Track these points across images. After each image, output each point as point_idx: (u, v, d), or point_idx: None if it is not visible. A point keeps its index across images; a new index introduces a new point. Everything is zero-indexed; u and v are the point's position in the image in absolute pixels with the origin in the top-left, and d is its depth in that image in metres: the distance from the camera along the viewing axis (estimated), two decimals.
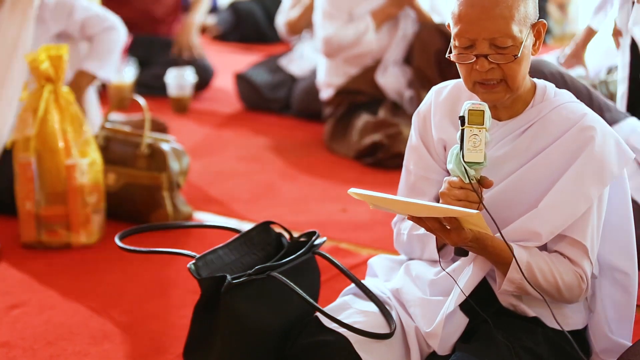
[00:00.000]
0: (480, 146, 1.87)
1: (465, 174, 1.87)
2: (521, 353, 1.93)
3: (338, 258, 2.29)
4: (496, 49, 1.89)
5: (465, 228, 1.85)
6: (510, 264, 1.91)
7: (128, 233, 2.37)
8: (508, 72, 1.90)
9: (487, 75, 1.91)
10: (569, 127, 1.96)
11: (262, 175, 3.96)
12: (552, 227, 1.93)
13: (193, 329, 2.14)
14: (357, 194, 1.86)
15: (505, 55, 1.89)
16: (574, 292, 1.96)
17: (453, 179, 1.90)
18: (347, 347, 1.96)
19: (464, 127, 1.88)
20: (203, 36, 6.96)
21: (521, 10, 1.89)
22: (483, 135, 1.87)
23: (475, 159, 1.87)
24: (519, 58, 1.89)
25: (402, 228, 2.16)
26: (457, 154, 1.89)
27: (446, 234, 1.86)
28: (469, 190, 1.87)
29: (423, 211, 1.85)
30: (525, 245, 1.94)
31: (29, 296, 2.77)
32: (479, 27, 1.88)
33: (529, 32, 1.91)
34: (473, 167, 1.88)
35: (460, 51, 1.92)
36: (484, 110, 1.88)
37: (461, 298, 1.96)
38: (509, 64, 1.89)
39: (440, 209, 1.81)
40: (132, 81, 4.86)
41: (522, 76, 1.93)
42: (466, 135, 1.88)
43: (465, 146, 1.87)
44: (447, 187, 1.90)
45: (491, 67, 1.90)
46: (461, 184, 1.88)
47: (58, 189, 3.11)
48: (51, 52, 3.07)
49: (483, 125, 1.87)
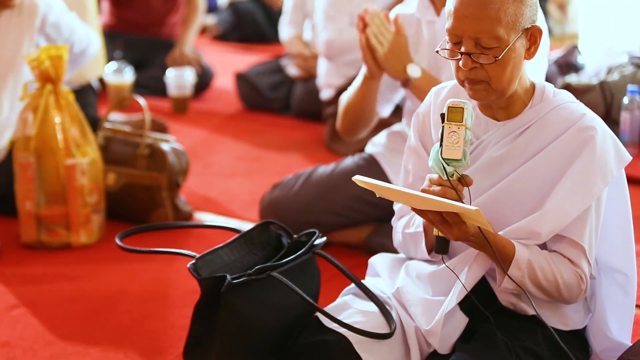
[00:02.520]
0: (458, 143, 1.88)
1: (443, 171, 1.88)
2: (521, 353, 1.93)
3: (338, 258, 2.29)
4: (481, 49, 1.89)
5: (467, 223, 1.86)
6: (511, 261, 1.91)
7: (128, 233, 2.37)
8: (491, 73, 1.90)
9: (470, 75, 1.92)
10: (567, 127, 1.96)
11: (262, 175, 3.96)
12: (553, 226, 1.93)
13: (193, 329, 2.14)
14: (361, 181, 1.87)
15: (487, 56, 1.89)
16: (573, 292, 1.96)
17: (433, 175, 1.91)
18: (347, 347, 1.96)
19: (443, 124, 1.89)
20: (203, 36, 6.96)
21: (510, 13, 1.88)
22: (462, 133, 1.88)
23: (453, 155, 1.88)
24: (501, 61, 1.88)
25: (398, 226, 2.16)
26: (436, 151, 1.90)
27: (447, 227, 1.87)
28: (447, 188, 1.88)
29: (424, 204, 1.85)
30: (526, 243, 1.94)
31: (29, 296, 2.77)
32: (466, 25, 1.89)
33: (519, 36, 1.90)
34: (452, 164, 1.88)
35: (450, 47, 1.93)
36: (463, 107, 1.88)
37: (462, 294, 1.96)
38: (492, 66, 1.89)
39: (440, 203, 1.81)
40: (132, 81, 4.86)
41: (507, 79, 1.92)
42: (445, 132, 1.89)
43: (443, 143, 1.88)
44: (427, 184, 1.91)
45: (474, 66, 1.90)
46: (440, 180, 1.89)
47: (58, 189, 3.11)
48: (51, 52, 3.07)
49: (462, 122, 1.88)
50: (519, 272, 1.91)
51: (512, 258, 1.91)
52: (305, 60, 4.79)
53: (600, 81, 4.26)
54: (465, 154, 1.88)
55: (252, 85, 4.99)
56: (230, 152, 4.32)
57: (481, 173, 1.97)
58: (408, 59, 2.72)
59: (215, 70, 5.46)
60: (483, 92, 1.93)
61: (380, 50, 2.70)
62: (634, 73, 4.24)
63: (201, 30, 6.60)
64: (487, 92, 1.93)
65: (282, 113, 4.94)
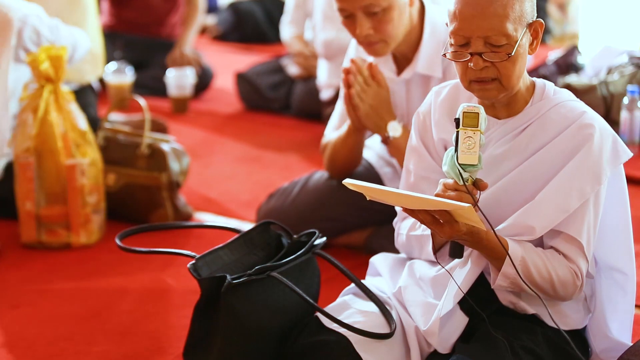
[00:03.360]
0: (474, 148, 1.88)
1: (459, 176, 1.88)
2: (521, 353, 1.93)
3: (338, 258, 2.29)
4: (491, 47, 1.89)
5: (459, 222, 1.86)
6: (504, 258, 1.91)
7: (128, 233, 2.37)
8: (502, 70, 1.90)
9: (481, 74, 1.91)
10: (567, 125, 1.96)
11: (262, 175, 3.96)
12: (546, 222, 1.93)
13: (193, 329, 2.14)
14: (352, 184, 1.87)
15: (499, 53, 1.89)
16: (568, 288, 1.96)
17: (448, 180, 1.90)
18: (347, 347, 1.96)
19: (458, 129, 1.89)
20: (203, 36, 6.96)
21: (516, 8, 1.89)
22: (477, 138, 1.88)
23: (469, 161, 1.88)
24: (513, 57, 1.89)
25: (401, 228, 2.16)
26: (451, 156, 1.89)
27: (439, 227, 1.87)
28: (463, 192, 1.87)
29: (415, 203, 1.85)
30: (520, 239, 1.94)
31: (29, 296, 2.77)
32: (473, 25, 1.88)
33: (524, 31, 1.91)
34: (467, 169, 1.88)
35: (456, 49, 1.92)
36: (478, 112, 1.88)
37: (459, 296, 1.96)
38: (503, 63, 1.90)
39: (432, 201, 1.81)
40: (132, 81, 4.86)
41: (517, 75, 1.93)
42: (460, 137, 1.88)
43: (459, 148, 1.88)
44: (442, 189, 1.90)
45: (485, 65, 1.90)
46: (455, 185, 1.88)
47: (58, 189, 3.11)
48: (51, 52, 3.07)
49: (477, 127, 1.88)
50: (512, 270, 1.91)
51: (505, 256, 1.91)
52: (306, 59, 4.79)
53: (600, 81, 4.26)
54: (480, 158, 1.89)
55: (252, 85, 4.99)
56: (230, 152, 4.32)
57: (482, 171, 1.97)
58: (389, 116, 2.69)
59: (215, 70, 5.46)
60: (494, 91, 1.93)
61: (361, 107, 2.66)
62: (634, 73, 4.24)
63: (201, 30, 6.59)
64: (499, 90, 1.93)
65: (282, 113, 4.94)
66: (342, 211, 2.96)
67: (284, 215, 2.97)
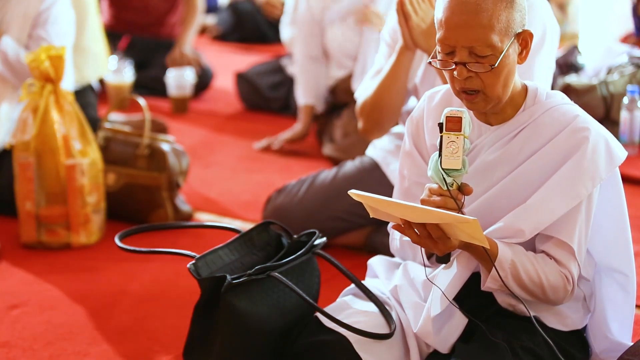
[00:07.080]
0: (458, 153, 1.86)
1: (443, 181, 1.87)
2: (521, 353, 1.93)
3: (338, 258, 2.29)
4: (475, 58, 1.88)
5: (452, 240, 1.85)
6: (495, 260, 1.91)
7: (128, 233, 2.37)
8: (486, 81, 1.89)
9: (465, 84, 1.90)
10: (561, 129, 1.95)
11: (262, 175, 3.96)
12: (536, 224, 1.92)
13: (193, 329, 2.14)
14: (357, 195, 1.87)
15: (483, 64, 1.88)
16: (559, 293, 1.95)
17: (433, 185, 1.90)
18: (347, 347, 1.96)
19: (442, 134, 1.88)
20: (203, 36, 6.96)
21: (502, 19, 1.87)
22: (461, 142, 1.87)
23: (452, 165, 1.87)
24: (497, 68, 1.87)
25: (396, 233, 2.15)
26: (435, 161, 1.88)
27: (433, 243, 1.86)
28: (447, 197, 1.87)
29: (421, 216, 1.84)
30: (510, 242, 1.93)
31: (29, 296, 2.77)
32: (458, 34, 1.87)
33: (511, 42, 1.89)
34: (451, 174, 1.87)
35: (442, 57, 1.92)
36: (461, 117, 1.87)
37: (445, 302, 1.96)
38: (487, 74, 1.88)
39: (438, 213, 1.81)
40: (132, 81, 4.86)
41: (502, 85, 1.91)
42: (444, 142, 1.87)
43: (443, 153, 1.87)
44: (427, 194, 1.90)
45: (469, 75, 1.89)
46: (440, 190, 1.88)
47: (58, 189, 3.11)
48: (51, 52, 3.07)
49: (461, 132, 1.87)
50: (502, 273, 1.91)
51: (494, 259, 1.90)
52: None
53: (600, 81, 4.25)
54: (464, 163, 1.87)
55: (252, 85, 4.99)
56: (230, 152, 4.32)
57: (475, 178, 1.96)
58: None
59: (215, 70, 5.46)
60: (481, 103, 1.93)
61: (413, 18, 2.62)
62: (634, 73, 4.24)
63: (201, 30, 6.59)
64: (486, 102, 1.93)
65: (282, 113, 4.94)
66: (348, 210, 2.98)
67: (291, 213, 3.00)
